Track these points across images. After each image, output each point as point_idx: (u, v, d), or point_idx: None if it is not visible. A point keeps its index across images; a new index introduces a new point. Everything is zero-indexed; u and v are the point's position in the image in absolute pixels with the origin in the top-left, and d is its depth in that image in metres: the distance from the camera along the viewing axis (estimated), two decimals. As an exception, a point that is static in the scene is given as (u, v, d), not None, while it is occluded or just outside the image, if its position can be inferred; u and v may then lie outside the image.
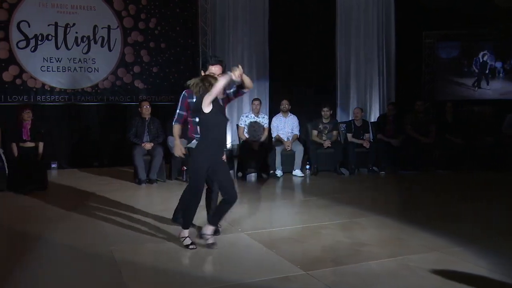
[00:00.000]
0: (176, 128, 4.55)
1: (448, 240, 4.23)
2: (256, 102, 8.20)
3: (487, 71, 10.75)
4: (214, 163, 3.97)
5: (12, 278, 3.49)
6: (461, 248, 4.02)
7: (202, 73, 4.24)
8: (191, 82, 4.01)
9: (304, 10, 10.17)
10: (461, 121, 8.88)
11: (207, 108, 3.87)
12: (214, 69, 4.21)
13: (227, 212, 4.13)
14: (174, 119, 4.54)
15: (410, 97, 9.74)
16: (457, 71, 10.90)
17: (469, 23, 10.43)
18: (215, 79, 3.95)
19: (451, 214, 5.39)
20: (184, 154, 4.49)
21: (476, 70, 10.77)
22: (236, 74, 3.88)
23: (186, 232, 4.02)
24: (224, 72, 4.19)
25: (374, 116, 10.35)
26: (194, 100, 4.17)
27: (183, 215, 4.15)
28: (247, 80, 4.10)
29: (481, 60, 10.73)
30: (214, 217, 4.12)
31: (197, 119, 4.13)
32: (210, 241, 3.98)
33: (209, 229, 4.02)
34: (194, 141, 4.24)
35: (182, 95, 4.50)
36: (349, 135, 8.55)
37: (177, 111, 4.50)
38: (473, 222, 5.07)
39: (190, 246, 3.94)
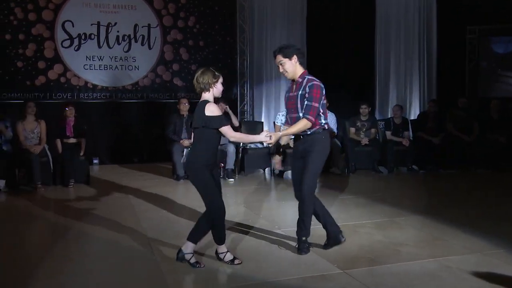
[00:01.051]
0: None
1: (490, 242, 4.10)
2: None
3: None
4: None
5: (57, 269, 3.61)
6: (504, 250, 3.90)
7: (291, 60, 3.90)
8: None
9: (341, 8, 10.05)
10: (506, 118, 8.56)
11: None
12: (276, 58, 3.96)
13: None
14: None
15: (452, 94, 9.50)
16: (506, 67, 10.50)
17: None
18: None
19: (493, 214, 5.22)
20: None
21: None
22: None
23: (224, 248, 3.68)
24: (286, 57, 3.86)
25: (414, 113, 10.14)
26: (286, 94, 4.02)
27: (217, 233, 3.67)
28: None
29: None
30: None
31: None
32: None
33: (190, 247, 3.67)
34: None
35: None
36: (388, 133, 8.40)
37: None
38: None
39: (236, 261, 3.61)
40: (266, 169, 8.13)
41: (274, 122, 8.29)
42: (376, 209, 5.40)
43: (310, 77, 3.89)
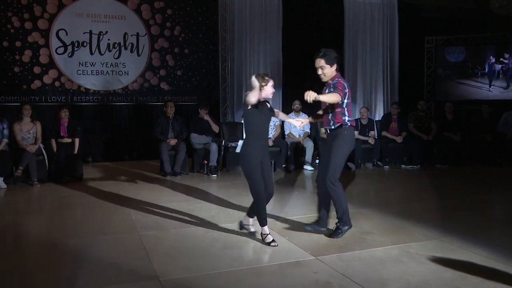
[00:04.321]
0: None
1: (446, 229, 4.19)
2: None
3: (492, 73, 10.52)
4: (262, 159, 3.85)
5: (58, 259, 3.55)
6: (457, 236, 3.97)
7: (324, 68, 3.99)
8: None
9: (314, 19, 10.10)
10: (459, 119, 8.74)
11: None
12: (318, 62, 4.01)
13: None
14: None
15: (412, 97, 9.65)
16: (458, 73, 10.71)
17: (470, 30, 10.33)
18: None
19: (448, 205, 5.32)
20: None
21: (484, 71, 10.52)
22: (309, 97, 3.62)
23: (266, 229, 3.83)
24: (329, 64, 3.97)
25: (378, 115, 10.26)
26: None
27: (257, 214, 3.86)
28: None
29: (490, 62, 10.48)
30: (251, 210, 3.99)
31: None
32: (251, 229, 4.03)
33: (247, 220, 4.05)
34: (240, 141, 4.12)
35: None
36: (356, 132, 8.46)
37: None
38: (472, 213, 5.00)
39: (272, 244, 3.73)
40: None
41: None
42: (345, 201, 5.44)
43: (338, 78, 4.01)
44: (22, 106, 6.88)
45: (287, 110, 8.68)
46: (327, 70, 3.99)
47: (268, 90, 3.83)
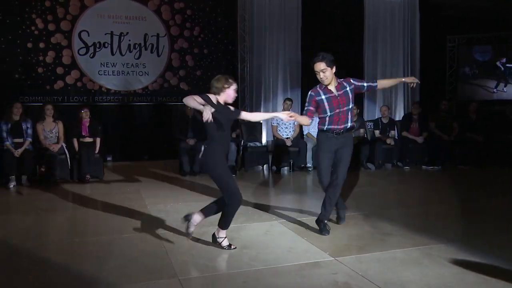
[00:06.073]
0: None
1: (468, 232, 4.11)
2: (289, 102, 8.15)
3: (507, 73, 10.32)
4: None
5: (79, 256, 3.62)
6: (477, 239, 3.91)
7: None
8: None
9: (334, 19, 10.05)
10: (483, 119, 8.56)
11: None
12: (319, 66, 4.06)
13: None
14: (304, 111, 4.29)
15: (434, 97, 9.51)
16: (484, 73, 10.51)
17: (494, 28, 10.11)
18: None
19: (471, 208, 5.23)
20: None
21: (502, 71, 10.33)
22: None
23: (224, 233, 3.76)
24: (329, 66, 4.04)
25: (399, 115, 10.14)
26: (324, 97, 4.11)
27: (226, 218, 3.75)
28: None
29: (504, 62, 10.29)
30: None
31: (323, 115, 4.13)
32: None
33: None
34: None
35: (309, 95, 4.24)
36: (377, 132, 8.40)
37: (305, 107, 4.24)
38: (495, 216, 4.91)
39: (232, 247, 3.71)
40: (265, 166, 8.13)
41: (271, 123, 8.29)
42: (365, 201, 5.41)
43: (342, 79, 4.22)
44: (45, 106, 7.03)
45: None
46: (328, 73, 4.06)
47: (230, 94, 3.70)
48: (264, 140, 9.08)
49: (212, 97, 3.68)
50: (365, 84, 4.27)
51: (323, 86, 4.14)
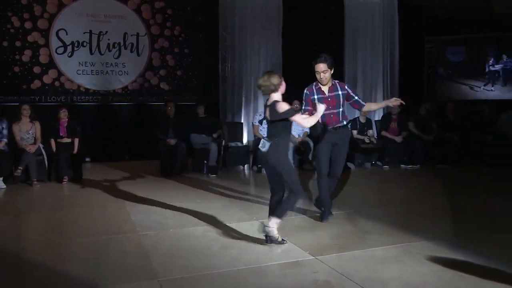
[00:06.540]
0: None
1: (446, 230, 4.18)
2: None
3: (493, 73, 10.51)
4: None
5: (57, 259, 3.55)
6: (455, 237, 3.97)
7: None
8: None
9: (315, 19, 10.07)
10: (461, 119, 8.69)
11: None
12: (320, 66, 4.27)
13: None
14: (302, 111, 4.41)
15: (412, 98, 9.62)
16: (459, 74, 10.70)
17: (470, 29, 10.30)
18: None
19: (449, 206, 5.31)
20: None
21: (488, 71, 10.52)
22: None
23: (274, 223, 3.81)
24: (329, 68, 4.28)
25: (378, 115, 10.24)
26: (316, 97, 4.28)
27: (284, 208, 3.85)
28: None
29: (489, 63, 10.47)
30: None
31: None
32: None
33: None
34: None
35: (305, 94, 4.43)
36: (354, 132, 8.46)
37: (303, 107, 4.44)
38: (472, 214, 4.99)
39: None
40: (246, 166, 8.12)
41: (252, 123, 8.29)
42: (345, 201, 5.44)
43: (336, 80, 4.44)
44: (21, 106, 6.88)
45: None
46: (328, 74, 4.28)
47: (284, 86, 3.87)
48: (245, 140, 9.07)
49: (275, 96, 3.78)
50: (356, 97, 4.44)
51: (318, 86, 4.33)
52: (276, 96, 3.79)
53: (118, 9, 8.88)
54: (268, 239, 3.77)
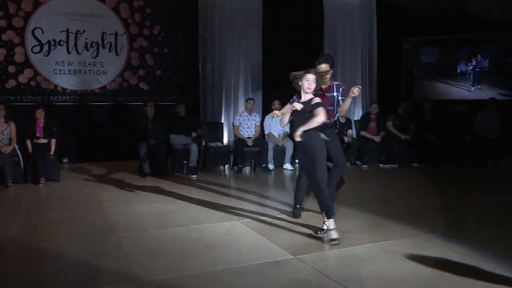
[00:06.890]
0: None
1: (422, 228, 4.25)
2: (251, 102, 8.19)
3: (465, 74, 10.73)
4: None
5: (33, 262, 3.48)
6: (432, 234, 4.04)
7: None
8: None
9: (294, 19, 10.12)
10: (438, 119, 8.85)
11: None
12: (323, 67, 4.27)
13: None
14: None
15: (390, 98, 9.77)
16: (431, 74, 10.92)
17: (446, 30, 10.50)
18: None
19: (427, 205, 5.41)
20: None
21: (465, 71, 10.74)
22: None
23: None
24: (331, 68, 4.31)
25: (357, 114, 10.36)
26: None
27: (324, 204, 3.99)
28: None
29: (462, 63, 10.69)
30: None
31: None
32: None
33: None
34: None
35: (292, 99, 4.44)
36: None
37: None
38: (449, 212, 5.09)
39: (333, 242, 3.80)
40: (226, 166, 8.11)
41: (233, 123, 8.29)
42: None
43: (336, 82, 4.41)
44: (-5, 106, 6.73)
45: (267, 110, 8.72)
46: (329, 75, 4.28)
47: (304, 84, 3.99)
48: (225, 140, 9.06)
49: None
50: (341, 103, 4.45)
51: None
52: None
53: (96, 8, 8.76)
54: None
